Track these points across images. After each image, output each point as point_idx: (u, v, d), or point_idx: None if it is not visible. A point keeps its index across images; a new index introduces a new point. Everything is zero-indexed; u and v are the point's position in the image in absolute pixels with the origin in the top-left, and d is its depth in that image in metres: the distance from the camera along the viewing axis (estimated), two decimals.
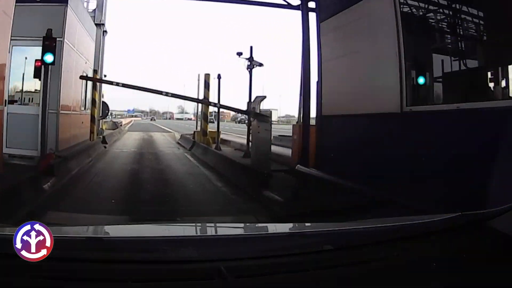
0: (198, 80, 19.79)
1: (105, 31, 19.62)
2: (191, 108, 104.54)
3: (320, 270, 1.39)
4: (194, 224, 2.83)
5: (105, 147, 14.06)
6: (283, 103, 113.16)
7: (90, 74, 12.41)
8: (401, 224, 1.84)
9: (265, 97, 7.96)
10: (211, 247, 1.50)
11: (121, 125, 32.64)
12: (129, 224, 2.99)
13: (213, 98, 14.65)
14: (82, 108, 11.43)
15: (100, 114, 18.54)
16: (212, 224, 2.77)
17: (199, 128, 19.40)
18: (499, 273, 1.40)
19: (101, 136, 16.26)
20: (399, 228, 1.77)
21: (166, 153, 13.71)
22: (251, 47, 11.93)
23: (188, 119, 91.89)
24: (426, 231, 1.69)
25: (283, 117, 69.62)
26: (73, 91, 9.75)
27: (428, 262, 1.45)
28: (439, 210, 1.97)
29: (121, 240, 1.56)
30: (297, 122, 9.20)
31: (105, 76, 19.53)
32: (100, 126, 18.86)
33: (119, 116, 67.96)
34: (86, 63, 11.34)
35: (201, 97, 15.62)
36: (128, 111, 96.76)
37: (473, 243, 1.63)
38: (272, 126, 8.55)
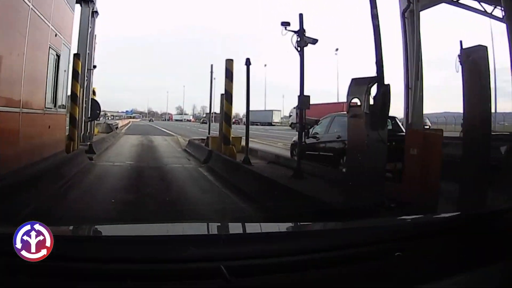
0: (212, 71, 16.09)
1: (96, 12, 16.02)
2: (189, 109, 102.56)
3: (320, 270, 1.37)
4: (194, 224, 2.67)
5: (91, 159, 10.35)
6: (285, 103, 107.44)
7: (65, 54, 8.50)
8: (401, 224, 1.84)
9: (379, 78, 4.14)
10: (211, 246, 1.42)
11: (117, 128, 29.16)
12: (129, 224, 2.82)
13: (238, 92, 10.90)
14: (50, 105, 7.55)
15: (89, 115, 15.22)
16: (212, 224, 2.43)
17: (213, 132, 15.71)
18: (499, 273, 1.38)
19: (88, 143, 12.82)
20: (399, 228, 1.74)
21: (174, 169, 9.89)
22: (301, 15, 8.08)
23: (188, 120, 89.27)
24: (427, 231, 1.65)
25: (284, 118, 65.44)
26: (26, 75, 5.86)
27: (428, 262, 1.45)
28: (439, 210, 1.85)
29: (121, 239, 1.48)
30: (409, 125, 5.34)
31: (94, 67, 15.91)
32: (89, 130, 15.40)
33: (117, 118, 64.51)
34: (56, 35, 7.47)
35: (219, 91, 11.92)
36: (127, 112, 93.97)
37: (473, 242, 1.57)
38: (276, 128, 5.58)
